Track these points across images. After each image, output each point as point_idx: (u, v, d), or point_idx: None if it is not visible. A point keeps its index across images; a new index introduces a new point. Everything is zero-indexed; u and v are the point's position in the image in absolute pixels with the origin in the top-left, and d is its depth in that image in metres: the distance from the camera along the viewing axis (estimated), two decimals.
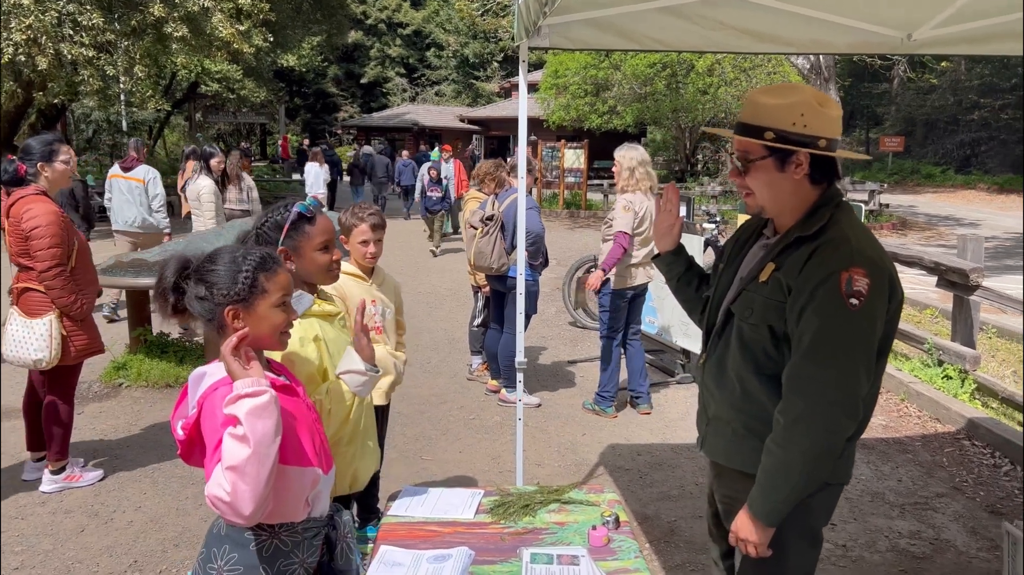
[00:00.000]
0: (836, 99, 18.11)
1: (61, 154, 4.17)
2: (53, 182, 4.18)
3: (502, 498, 2.43)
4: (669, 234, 2.39)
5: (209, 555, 1.89)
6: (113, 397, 5.86)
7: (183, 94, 28.95)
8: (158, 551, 3.69)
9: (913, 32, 3.49)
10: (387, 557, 2.06)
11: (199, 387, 1.83)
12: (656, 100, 22.24)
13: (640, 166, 5.27)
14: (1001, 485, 4.49)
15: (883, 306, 1.88)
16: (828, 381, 1.84)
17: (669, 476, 4.59)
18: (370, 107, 45.80)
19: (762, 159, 1.97)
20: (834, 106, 1.97)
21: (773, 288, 1.96)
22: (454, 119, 36.79)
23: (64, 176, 4.23)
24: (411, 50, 47.76)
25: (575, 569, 1.99)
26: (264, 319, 1.85)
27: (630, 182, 5.25)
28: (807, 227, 1.95)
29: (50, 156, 4.13)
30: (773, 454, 1.91)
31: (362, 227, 3.22)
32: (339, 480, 2.35)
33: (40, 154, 4.11)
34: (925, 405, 5.66)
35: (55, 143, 4.19)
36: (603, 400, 5.55)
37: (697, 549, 3.74)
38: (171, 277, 1.86)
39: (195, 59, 20.38)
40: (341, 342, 2.36)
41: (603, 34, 3.50)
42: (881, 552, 3.75)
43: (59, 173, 4.18)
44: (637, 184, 5.23)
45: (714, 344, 2.14)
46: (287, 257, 2.27)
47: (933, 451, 4.98)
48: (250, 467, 1.63)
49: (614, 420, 5.48)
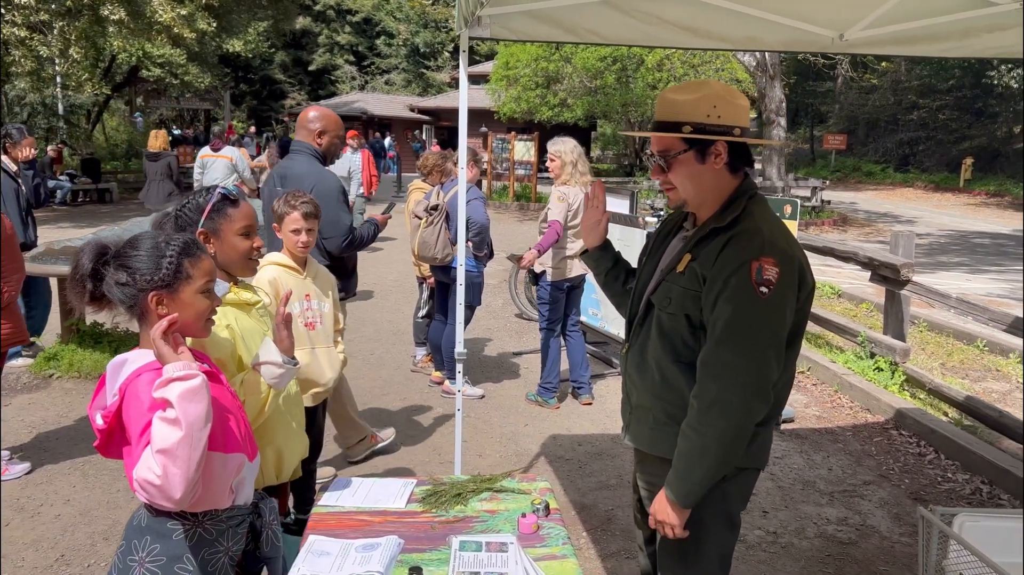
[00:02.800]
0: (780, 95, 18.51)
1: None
2: None
3: (434, 487, 2.43)
4: (596, 230, 2.43)
5: (129, 547, 1.86)
6: (43, 388, 5.69)
7: (123, 78, 28.06)
8: (87, 544, 3.61)
9: (845, 32, 3.58)
10: (315, 546, 2.05)
11: (119, 375, 1.80)
12: (606, 94, 22.40)
13: (580, 159, 5.35)
14: (925, 473, 4.66)
15: (792, 294, 1.96)
16: (740, 366, 1.91)
17: (608, 466, 4.65)
18: (318, 95, 45.06)
19: (683, 153, 2.03)
20: (742, 97, 2.06)
21: (689, 278, 2.02)
22: (404, 108, 36.50)
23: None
24: (360, 37, 47.13)
25: (503, 556, 2.01)
26: (188, 305, 1.83)
27: (573, 175, 5.29)
28: (722, 219, 2.02)
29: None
30: (688, 437, 1.97)
31: (294, 215, 3.17)
32: (264, 470, 2.33)
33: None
34: (857, 396, 5.83)
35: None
36: (545, 391, 5.59)
37: (633, 536, 3.78)
38: (88, 263, 1.81)
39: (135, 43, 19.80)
40: (257, 333, 2.30)
41: (543, 26, 3.51)
42: (809, 538, 3.86)
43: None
44: (581, 177, 5.28)
45: (635, 334, 2.19)
46: (207, 239, 2.23)
47: (863, 441, 5.14)
48: (182, 450, 1.62)
49: (556, 411, 5.52)
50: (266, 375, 2.14)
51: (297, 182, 3.88)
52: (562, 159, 5.31)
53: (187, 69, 28.42)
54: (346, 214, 4.00)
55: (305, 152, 4.06)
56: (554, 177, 5.38)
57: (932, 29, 3.47)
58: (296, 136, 4.16)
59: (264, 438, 2.29)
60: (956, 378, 6.51)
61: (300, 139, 4.10)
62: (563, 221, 5.26)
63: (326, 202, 3.75)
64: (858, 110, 35.09)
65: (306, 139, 4.06)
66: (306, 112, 4.14)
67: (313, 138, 4.06)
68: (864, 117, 35.01)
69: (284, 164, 4.13)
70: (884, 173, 31.39)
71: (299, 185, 3.82)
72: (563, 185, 5.31)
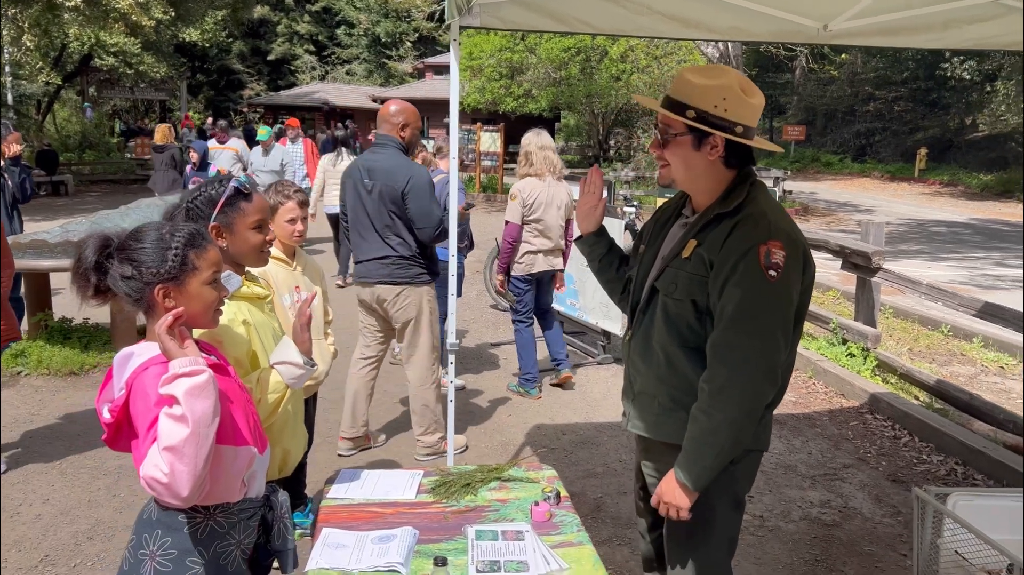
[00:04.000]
0: None
1: None
2: None
3: (442, 478, 2.42)
4: (592, 216, 2.42)
5: (140, 541, 1.83)
6: (11, 386, 5.54)
7: (75, 67, 27.31)
8: (71, 544, 3.53)
9: (829, 23, 3.63)
10: (331, 539, 2.04)
11: (126, 368, 1.77)
12: (570, 85, 22.40)
13: (539, 151, 5.26)
14: (901, 455, 4.77)
15: (798, 277, 1.99)
16: (750, 349, 1.93)
17: (593, 454, 4.68)
18: (277, 85, 44.35)
19: (681, 135, 2.04)
20: (757, 94, 2.05)
21: (696, 263, 2.03)
22: (366, 99, 36.10)
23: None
24: (320, 27, 46.47)
25: (520, 544, 2.01)
26: (196, 297, 1.80)
27: (525, 167, 5.27)
28: (727, 204, 2.04)
29: None
30: (699, 421, 1.98)
31: (289, 204, 3.15)
32: (269, 465, 2.30)
33: None
34: (831, 382, 5.95)
35: None
36: (527, 383, 5.60)
37: (623, 524, 3.84)
38: (92, 256, 1.77)
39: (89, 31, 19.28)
40: (269, 327, 2.29)
41: (534, 15, 3.50)
42: (795, 521, 3.93)
43: None
44: (531, 169, 5.24)
45: (639, 321, 2.20)
46: (219, 234, 2.18)
47: (839, 425, 5.24)
48: (189, 447, 1.60)
49: (539, 401, 5.54)
50: (285, 375, 2.11)
51: (387, 175, 4.15)
52: (524, 150, 5.28)
53: (142, 58, 27.77)
54: (437, 206, 4.24)
55: (391, 145, 4.26)
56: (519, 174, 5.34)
57: (914, 20, 3.54)
58: (379, 130, 4.34)
59: (273, 437, 2.26)
60: (924, 363, 6.67)
61: (384, 133, 4.29)
62: (518, 220, 5.23)
63: (420, 194, 4.10)
64: (816, 101, 35.67)
65: (390, 132, 4.28)
66: (387, 106, 4.33)
67: (397, 131, 4.28)
68: (822, 108, 35.61)
69: (369, 157, 4.30)
70: (842, 163, 31.96)
71: (390, 178, 4.13)
72: (524, 179, 5.28)
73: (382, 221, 4.20)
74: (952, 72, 26.18)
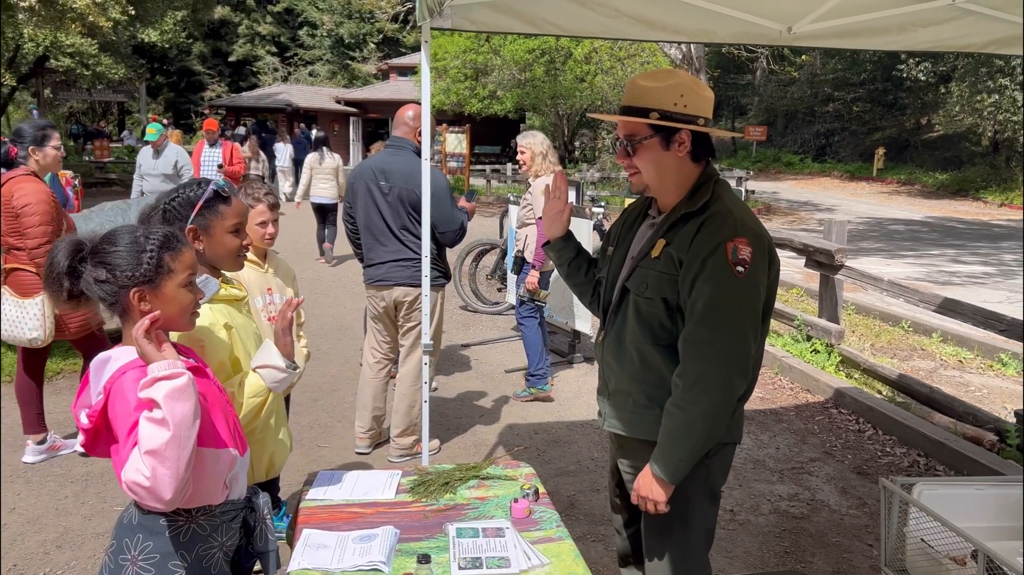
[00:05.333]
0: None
1: (52, 140, 4.26)
2: (44, 167, 4.25)
3: (421, 477, 2.43)
4: (558, 220, 2.47)
5: (120, 546, 1.81)
6: None
7: (29, 68, 26.67)
8: (39, 553, 3.47)
9: (793, 25, 3.71)
10: (312, 540, 2.04)
11: (103, 373, 1.75)
12: (535, 86, 22.49)
13: (550, 151, 5.46)
14: (866, 448, 4.88)
15: (764, 272, 2.05)
16: (721, 343, 1.98)
17: (566, 452, 4.71)
18: (239, 86, 43.80)
19: (649, 138, 2.10)
20: (707, 89, 2.15)
21: (665, 262, 2.08)
22: (330, 100, 35.83)
23: (55, 161, 4.32)
24: (282, 28, 46.04)
25: (501, 541, 2.03)
26: (171, 300, 1.79)
27: (544, 166, 5.39)
28: (693, 203, 2.09)
29: (41, 141, 4.23)
30: (673, 415, 2.03)
31: (260, 207, 3.13)
32: (256, 468, 2.29)
33: (31, 138, 4.20)
34: (796, 377, 6.06)
35: (47, 128, 4.29)
36: (538, 381, 5.57)
37: (596, 520, 3.88)
38: (64, 261, 1.75)
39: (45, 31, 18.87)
40: (249, 329, 2.29)
41: (504, 17, 3.52)
42: (765, 515, 4.00)
43: (50, 158, 4.27)
44: (551, 167, 5.38)
45: (611, 321, 2.24)
46: (196, 237, 2.17)
47: (805, 420, 5.35)
48: (170, 451, 1.59)
49: (513, 402, 5.55)
50: (267, 379, 2.11)
51: (404, 178, 4.19)
52: (532, 151, 5.39)
53: (99, 59, 27.19)
54: (457, 209, 4.30)
55: (407, 148, 4.29)
56: (526, 170, 5.45)
57: (873, 23, 3.63)
58: (395, 132, 4.37)
59: (258, 440, 2.25)
60: (886, 358, 6.83)
61: (400, 135, 4.32)
62: None
63: (441, 198, 4.07)
64: (777, 102, 36.23)
65: (407, 135, 4.32)
66: (404, 110, 4.37)
67: (414, 135, 4.31)
68: (783, 109, 36.18)
69: (384, 159, 4.29)
70: (803, 163, 32.51)
71: (407, 181, 4.16)
72: (538, 177, 5.38)
73: (399, 223, 4.21)
74: (908, 73, 26.78)
